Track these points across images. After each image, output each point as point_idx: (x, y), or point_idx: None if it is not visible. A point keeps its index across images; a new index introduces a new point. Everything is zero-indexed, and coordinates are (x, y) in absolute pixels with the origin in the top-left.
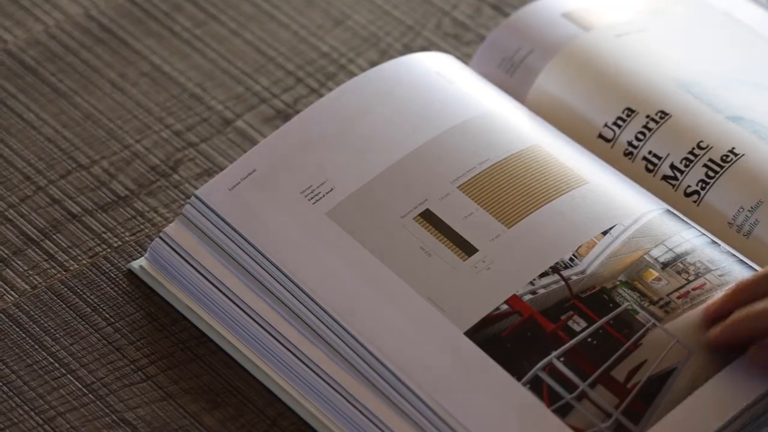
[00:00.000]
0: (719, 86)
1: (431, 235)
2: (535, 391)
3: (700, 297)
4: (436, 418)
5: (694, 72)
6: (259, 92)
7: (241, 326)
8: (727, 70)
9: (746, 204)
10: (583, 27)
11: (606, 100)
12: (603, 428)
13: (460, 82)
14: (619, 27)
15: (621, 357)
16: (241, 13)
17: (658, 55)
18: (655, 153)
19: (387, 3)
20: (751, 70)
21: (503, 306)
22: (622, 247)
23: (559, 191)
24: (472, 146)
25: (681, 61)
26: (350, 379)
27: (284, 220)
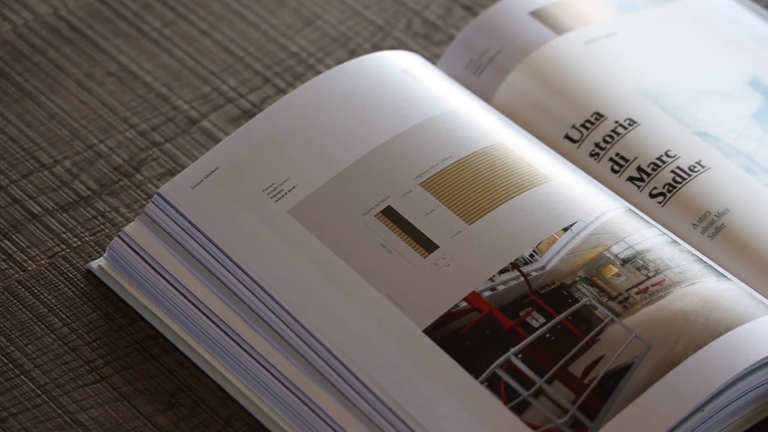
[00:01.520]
0: (686, 99)
1: (392, 232)
2: (493, 389)
3: (658, 293)
4: (393, 416)
5: (662, 83)
6: (226, 92)
7: (197, 326)
8: (695, 79)
9: (713, 209)
10: (551, 26)
11: (574, 105)
12: (559, 424)
13: (425, 81)
14: (588, 32)
15: (579, 352)
16: (211, 12)
17: (626, 64)
18: (623, 156)
19: (358, 3)
20: (720, 78)
21: (462, 303)
22: (583, 244)
23: (521, 188)
24: (435, 143)
25: (649, 70)
26: (306, 378)
27: (246, 218)
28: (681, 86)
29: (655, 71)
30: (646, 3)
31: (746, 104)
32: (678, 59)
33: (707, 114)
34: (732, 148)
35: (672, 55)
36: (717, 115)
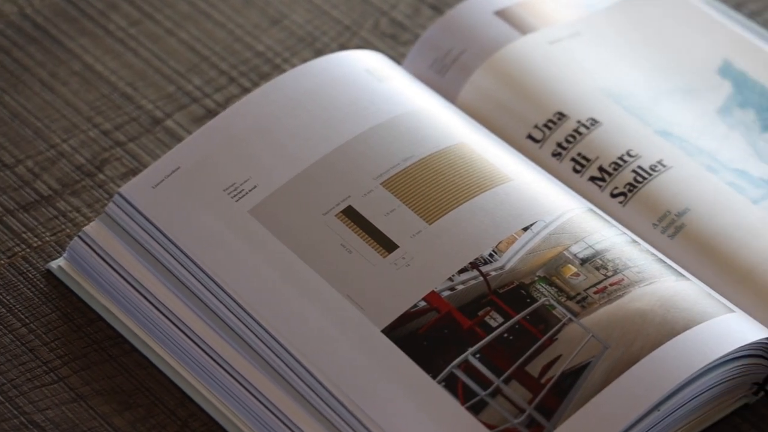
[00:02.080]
0: (649, 99)
1: (353, 232)
2: (450, 389)
3: (617, 292)
4: (350, 416)
5: (625, 83)
6: (191, 92)
7: (156, 326)
8: (660, 77)
9: (673, 209)
10: (516, 26)
11: (537, 104)
12: (515, 424)
13: (389, 81)
14: (552, 33)
15: (536, 352)
16: (177, 12)
17: (589, 65)
18: (584, 155)
19: (325, 3)
20: (687, 71)
21: (421, 303)
22: (542, 243)
23: (482, 188)
24: (397, 143)
25: (612, 70)
26: (264, 378)
27: (206, 218)
28: (644, 86)
29: (619, 71)
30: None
31: (712, 99)
32: (643, 57)
33: (670, 113)
34: (694, 146)
35: (637, 53)
36: (680, 114)
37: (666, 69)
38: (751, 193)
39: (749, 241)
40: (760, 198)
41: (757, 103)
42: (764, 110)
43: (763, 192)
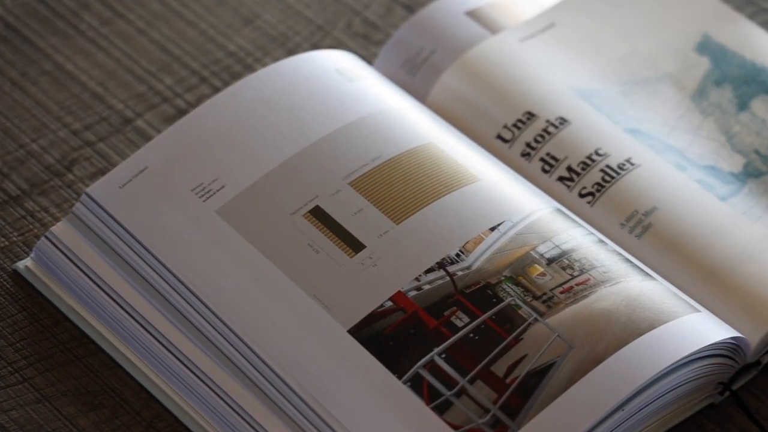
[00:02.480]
0: (619, 94)
1: (320, 232)
2: (415, 389)
3: (582, 292)
4: (315, 416)
5: (596, 78)
6: (162, 91)
7: (123, 327)
8: (635, 64)
9: (640, 208)
10: (487, 26)
11: (506, 104)
12: (480, 424)
13: (359, 81)
14: (523, 29)
15: (502, 352)
16: (149, 11)
17: (560, 61)
18: (553, 155)
19: (298, 2)
20: (664, 52)
21: (388, 303)
22: (509, 243)
23: (450, 188)
24: (365, 143)
25: (583, 65)
26: (230, 379)
27: (174, 218)
28: (615, 79)
29: (591, 65)
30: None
31: (687, 82)
32: (617, 43)
33: (641, 108)
34: (663, 144)
35: (612, 39)
36: (652, 108)
37: (640, 55)
38: (719, 190)
39: (715, 240)
40: (728, 195)
41: (735, 77)
42: (742, 83)
43: (731, 188)
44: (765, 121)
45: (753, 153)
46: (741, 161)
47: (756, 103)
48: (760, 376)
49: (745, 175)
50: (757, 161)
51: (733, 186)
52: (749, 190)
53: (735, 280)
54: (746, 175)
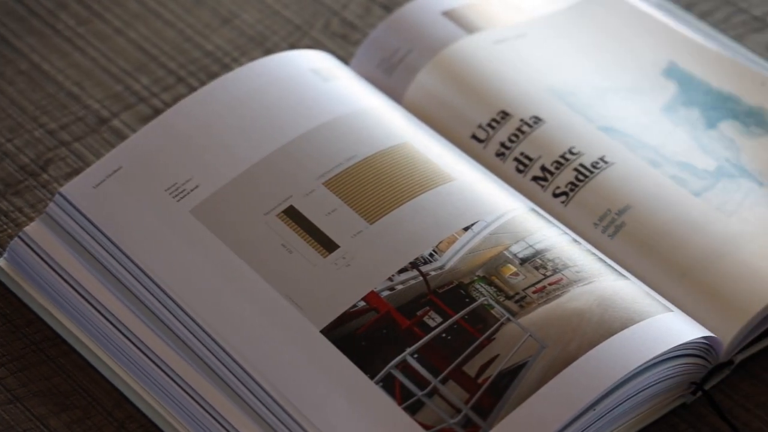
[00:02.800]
0: (593, 96)
1: (293, 232)
2: (387, 389)
3: (555, 292)
4: (287, 416)
5: (569, 81)
6: (139, 91)
7: (96, 327)
8: (605, 76)
9: (613, 207)
10: (463, 27)
11: (481, 103)
12: (451, 424)
13: (334, 81)
14: (497, 33)
15: (474, 352)
16: (127, 11)
17: (535, 64)
18: (527, 155)
19: (277, 2)
20: (632, 72)
21: (361, 303)
22: (482, 243)
23: (424, 188)
24: (340, 143)
25: (557, 69)
26: (202, 379)
27: (147, 218)
28: (589, 84)
29: (564, 70)
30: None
31: (657, 98)
32: (588, 58)
33: (615, 109)
34: (638, 141)
35: (582, 53)
36: (625, 110)
37: (611, 69)
38: (694, 185)
39: (688, 238)
40: (702, 190)
41: (702, 102)
42: (709, 108)
43: (705, 183)
44: (733, 140)
45: (724, 159)
46: (713, 164)
47: (724, 125)
48: (732, 375)
49: (718, 175)
50: (727, 166)
51: (708, 181)
52: (723, 186)
53: (707, 278)
54: (719, 174)
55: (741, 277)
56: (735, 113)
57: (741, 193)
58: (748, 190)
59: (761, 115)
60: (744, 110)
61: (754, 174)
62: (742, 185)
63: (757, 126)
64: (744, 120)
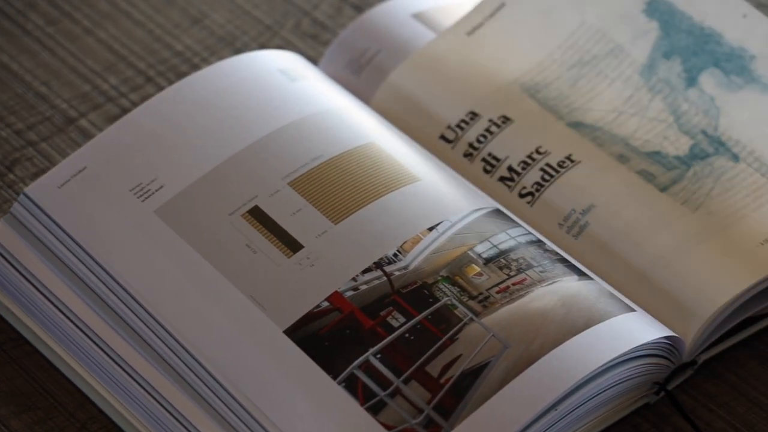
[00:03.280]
0: (566, 83)
1: (258, 232)
2: (350, 390)
3: (518, 292)
4: (250, 418)
5: (543, 68)
6: (107, 91)
7: (59, 328)
8: (582, 43)
9: (578, 207)
10: (433, 29)
11: (450, 104)
12: (413, 424)
13: (302, 81)
14: (472, 18)
15: (437, 352)
16: (97, 11)
17: (507, 55)
18: (495, 155)
19: (247, 2)
20: (612, 24)
21: (324, 303)
22: (447, 243)
23: (390, 188)
24: (306, 143)
25: (531, 54)
26: (164, 380)
27: (112, 219)
28: (565, 61)
29: (539, 52)
30: None
31: (637, 54)
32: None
33: (587, 97)
34: (608, 134)
35: (561, 15)
36: (599, 93)
37: (592, 26)
38: (661, 179)
39: (651, 236)
40: (670, 183)
41: (683, 47)
42: (691, 54)
43: (674, 174)
44: (713, 98)
45: (700, 134)
46: (688, 143)
47: (705, 77)
48: (696, 375)
49: (691, 158)
50: (704, 142)
51: (677, 171)
52: (694, 173)
53: (668, 277)
54: (692, 157)
55: (702, 276)
56: (716, 58)
57: (712, 178)
58: (721, 172)
59: (742, 59)
60: (725, 53)
61: (730, 145)
62: (715, 168)
63: (737, 75)
64: (725, 67)
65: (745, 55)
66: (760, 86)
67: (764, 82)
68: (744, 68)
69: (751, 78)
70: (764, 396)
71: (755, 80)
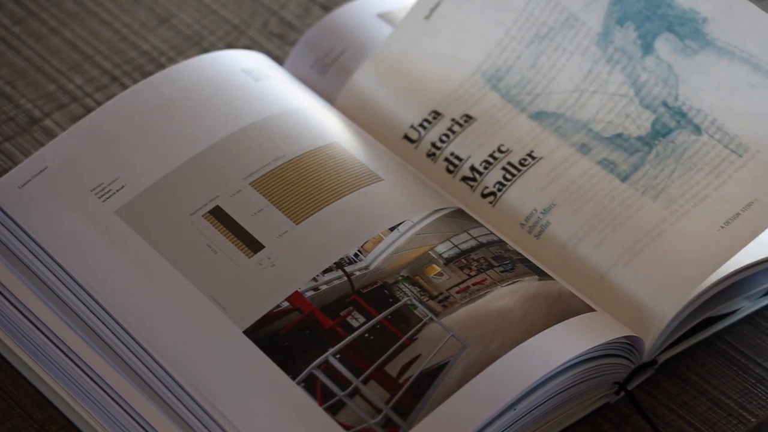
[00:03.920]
0: (527, 64)
1: (219, 232)
2: (309, 390)
3: (478, 292)
4: (208, 418)
5: (503, 47)
6: (72, 91)
7: (17, 328)
8: (534, 19)
9: (539, 206)
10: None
11: (414, 103)
12: (372, 424)
13: (266, 81)
14: (428, 1)
15: (396, 352)
16: (63, 10)
17: (467, 38)
18: (457, 155)
19: (215, 2)
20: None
21: (284, 303)
22: (408, 243)
23: (352, 188)
24: (268, 143)
25: (490, 33)
26: (123, 381)
27: (72, 219)
28: (524, 36)
29: (497, 30)
30: None
31: (591, 22)
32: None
33: (548, 77)
34: (570, 121)
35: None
36: (559, 71)
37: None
38: (623, 166)
39: (610, 234)
40: (631, 170)
41: (636, 12)
42: (644, 20)
43: (636, 159)
44: (671, 65)
45: (662, 106)
46: (650, 118)
47: (660, 43)
48: (657, 375)
49: (653, 136)
50: (665, 116)
51: (639, 155)
52: (656, 154)
53: (628, 276)
54: (654, 135)
55: (661, 274)
56: (669, 22)
57: (674, 158)
58: (684, 149)
59: (695, 22)
60: (678, 16)
61: (691, 115)
62: (678, 144)
63: (692, 39)
64: (679, 31)
65: (697, 18)
66: (716, 50)
67: (719, 46)
68: (698, 31)
69: (705, 42)
70: (724, 395)
71: (710, 43)
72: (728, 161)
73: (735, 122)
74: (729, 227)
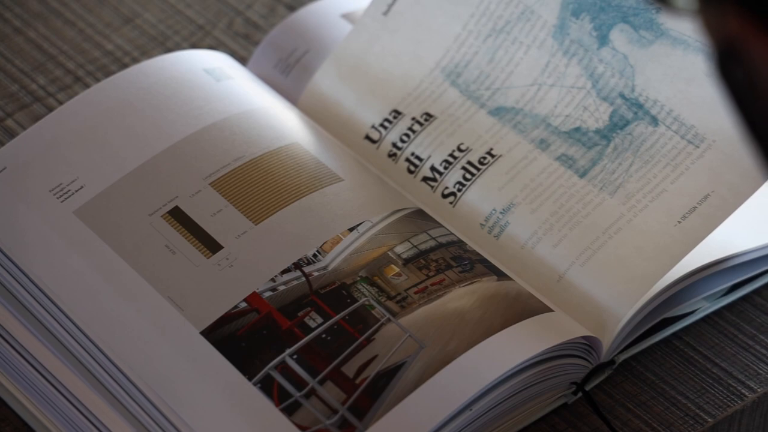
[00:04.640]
0: (485, 58)
1: (177, 233)
2: (265, 391)
3: (437, 292)
4: (163, 419)
5: (461, 42)
6: (35, 91)
7: None
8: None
9: (498, 206)
10: None
11: (374, 103)
12: (328, 425)
13: (227, 81)
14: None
15: (353, 352)
16: (27, 10)
17: (423, 31)
18: (418, 155)
19: (180, 2)
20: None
21: (242, 304)
22: (367, 243)
23: (312, 188)
24: (228, 143)
25: (446, 29)
26: (78, 381)
27: (30, 219)
28: (480, 30)
29: (455, 24)
30: None
31: (549, 17)
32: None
33: (507, 72)
34: (529, 116)
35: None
36: (517, 64)
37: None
38: (580, 163)
39: (567, 233)
40: (589, 165)
41: (591, 3)
42: (599, 11)
43: (594, 154)
44: (626, 56)
45: (619, 98)
46: (607, 110)
47: (615, 34)
48: (615, 374)
49: (611, 129)
50: (623, 108)
51: (597, 149)
52: (614, 148)
53: (585, 276)
54: (612, 128)
55: (618, 273)
56: (623, 12)
57: (632, 150)
58: (641, 141)
59: (649, 12)
60: (632, 6)
61: (648, 106)
62: (635, 137)
63: (646, 29)
64: (633, 22)
65: (651, 8)
66: (670, 40)
67: (673, 36)
68: (652, 21)
69: (660, 32)
70: (682, 395)
71: (664, 34)
72: (685, 152)
73: (691, 112)
74: (686, 222)
